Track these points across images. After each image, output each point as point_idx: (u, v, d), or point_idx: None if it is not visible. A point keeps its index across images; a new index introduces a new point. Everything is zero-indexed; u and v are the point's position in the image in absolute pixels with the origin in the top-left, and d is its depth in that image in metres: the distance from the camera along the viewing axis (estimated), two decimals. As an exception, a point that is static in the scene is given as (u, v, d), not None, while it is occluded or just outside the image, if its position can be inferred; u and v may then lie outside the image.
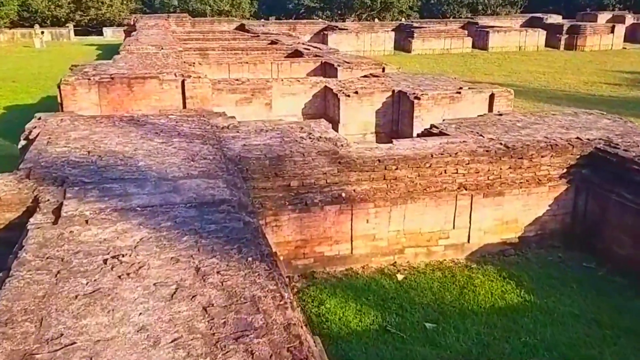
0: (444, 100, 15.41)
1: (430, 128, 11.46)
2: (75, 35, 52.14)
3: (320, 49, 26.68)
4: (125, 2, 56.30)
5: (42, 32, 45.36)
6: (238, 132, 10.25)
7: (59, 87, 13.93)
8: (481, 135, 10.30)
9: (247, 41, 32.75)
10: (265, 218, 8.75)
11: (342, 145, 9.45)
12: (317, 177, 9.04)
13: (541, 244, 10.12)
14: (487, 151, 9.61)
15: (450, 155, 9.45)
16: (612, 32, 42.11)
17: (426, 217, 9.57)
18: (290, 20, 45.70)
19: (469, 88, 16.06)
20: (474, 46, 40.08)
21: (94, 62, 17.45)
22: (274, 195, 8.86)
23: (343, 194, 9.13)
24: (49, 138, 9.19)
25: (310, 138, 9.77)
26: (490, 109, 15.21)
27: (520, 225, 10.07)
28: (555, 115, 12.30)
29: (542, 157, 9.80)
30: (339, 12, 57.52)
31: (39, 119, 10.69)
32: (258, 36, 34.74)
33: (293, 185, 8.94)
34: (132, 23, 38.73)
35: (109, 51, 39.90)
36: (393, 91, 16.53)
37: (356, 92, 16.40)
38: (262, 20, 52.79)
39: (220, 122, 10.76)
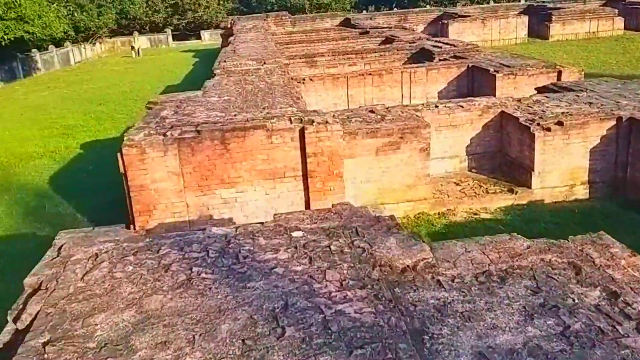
0: None
1: None
2: (173, 40, 48.64)
3: (454, 46, 20.48)
4: (222, 2, 52.15)
5: (136, 48, 41.83)
6: (442, 287, 4.65)
7: (120, 152, 8.92)
8: None
9: (357, 40, 27.01)
10: None
11: None
12: None
13: None
14: None
15: None
16: None
17: None
18: (400, 10, 39.47)
19: None
20: (626, 27, 32.10)
21: (179, 96, 12.41)
22: None
23: None
24: (49, 339, 4.05)
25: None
26: None
27: None
28: None
29: None
30: (448, -4, 50.36)
31: (58, 252, 5.61)
32: (368, 32, 28.91)
33: None
34: (229, 26, 34.11)
35: (206, 58, 35.65)
36: (619, 119, 10.31)
37: (560, 124, 10.32)
38: (365, 12, 46.74)
39: (394, 254, 5.19)
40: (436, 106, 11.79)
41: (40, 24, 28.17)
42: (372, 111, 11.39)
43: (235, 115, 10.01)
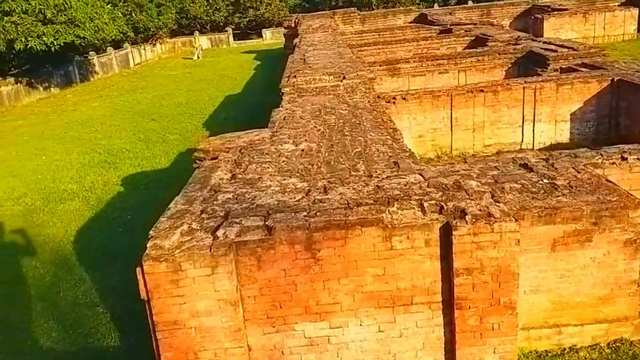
0: None
1: None
2: (235, 39, 45.26)
3: (572, 49, 15.80)
4: (284, -1, 48.40)
5: (198, 46, 38.71)
6: None
7: (140, 267, 5.13)
8: None
9: (441, 40, 22.57)
10: None
11: None
12: None
13: None
14: None
15: None
16: None
17: None
18: (482, 4, 34.45)
19: None
20: None
21: (239, 140, 8.49)
22: None
23: None
24: None
25: None
26: None
27: None
28: None
29: None
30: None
31: None
32: (450, 30, 24.36)
33: None
34: (292, 25, 30.25)
35: (269, 60, 32.02)
36: None
37: None
38: (437, 6, 41.87)
39: None
40: (624, 158, 7.47)
41: (92, 27, 25.06)
42: (525, 165, 7.22)
43: (324, 190, 6.04)
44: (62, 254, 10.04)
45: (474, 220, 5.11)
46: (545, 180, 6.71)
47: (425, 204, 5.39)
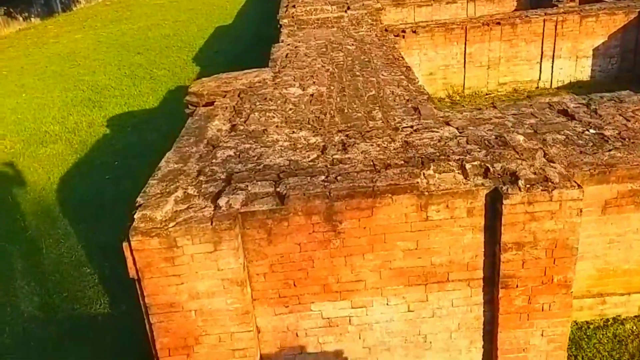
0: None
1: None
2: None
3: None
4: None
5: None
6: None
7: (127, 242, 4.24)
8: None
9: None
10: None
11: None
12: None
13: None
14: None
15: None
16: None
17: None
18: None
19: None
20: None
21: (237, 82, 7.35)
22: None
23: None
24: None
25: None
26: None
27: None
28: None
29: None
30: None
31: None
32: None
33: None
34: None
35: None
36: None
37: None
38: None
39: None
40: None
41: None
42: (564, 112, 6.29)
43: (343, 146, 5.09)
44: (44, 205, 9.14)
45: (528, 186, 4.23)
46: (592, 131, 5.80)
47: (467, 166, 4.48)
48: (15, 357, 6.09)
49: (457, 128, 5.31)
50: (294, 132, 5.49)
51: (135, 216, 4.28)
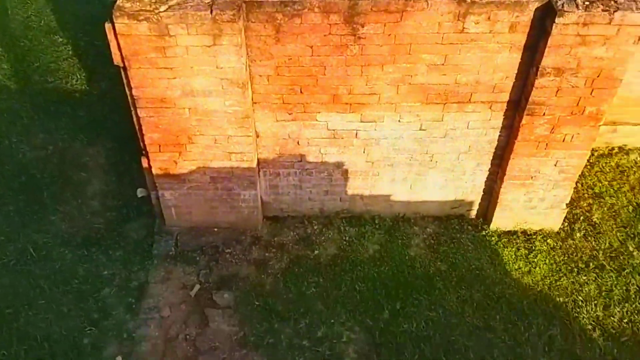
0: None
1: None
2: None
3: None
4: None
5: None
6: None
7: (112, 25, 3.54)
8: None
9: None
10: None
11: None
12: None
13: None
14: None
15: None
16: None
17: None
18: None
19: None
20: None
21: None
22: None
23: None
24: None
25: None
26: None
27: None
28: None
29: None
30: None
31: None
32: None
33: None
34: None
35: None
36: None
37: None
38: None
39: None
40: None
41: None
42: None
43: None
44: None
45: (587, 3, 3.55)
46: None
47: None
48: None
49: None
50: None
51: (114, -4, 3.52)
